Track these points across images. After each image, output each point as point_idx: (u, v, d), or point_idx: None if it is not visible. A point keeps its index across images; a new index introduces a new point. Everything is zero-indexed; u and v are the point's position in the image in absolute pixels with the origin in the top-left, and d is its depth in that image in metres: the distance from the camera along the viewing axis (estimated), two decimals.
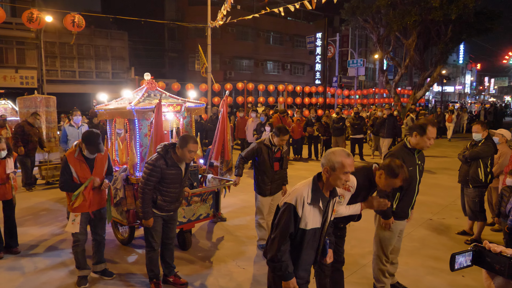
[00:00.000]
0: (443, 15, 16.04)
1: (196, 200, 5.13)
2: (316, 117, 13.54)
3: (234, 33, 31.10)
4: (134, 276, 4.50)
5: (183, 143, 3.80)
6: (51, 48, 24.35)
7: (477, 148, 5.33)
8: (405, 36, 19.31)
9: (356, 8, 19.06)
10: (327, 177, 2.52)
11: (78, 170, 4.05)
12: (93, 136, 4.07)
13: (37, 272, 4.62)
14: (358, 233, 5.88)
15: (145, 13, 17.94)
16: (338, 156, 2.50)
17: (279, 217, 2.56)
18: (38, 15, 10.27)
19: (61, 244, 5.49)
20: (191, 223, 5.19)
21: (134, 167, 4.96)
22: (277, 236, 2.52)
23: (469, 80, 70.45)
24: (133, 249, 5.31)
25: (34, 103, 9.64)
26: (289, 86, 18.21)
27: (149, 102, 5.08)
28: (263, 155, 5.02)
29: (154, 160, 3.83)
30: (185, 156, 3.84)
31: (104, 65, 27.45)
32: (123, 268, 4.70)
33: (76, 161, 4.06)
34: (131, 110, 4.88)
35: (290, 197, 2.54)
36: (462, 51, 57.11)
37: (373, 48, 28.00)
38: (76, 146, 4.15)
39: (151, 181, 3.80)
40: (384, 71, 21.02)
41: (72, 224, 4.12)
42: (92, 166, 4.15)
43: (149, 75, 5.40)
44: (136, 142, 5.03)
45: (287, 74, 36.16)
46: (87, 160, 4.11)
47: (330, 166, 2.49)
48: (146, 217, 3.87)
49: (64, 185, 4.08)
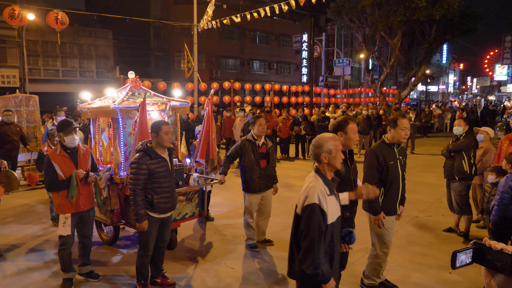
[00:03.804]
0: (427, 15, 16.26)
1: (182, 199, 5.07)
2: (303, 116, 13.57)
3: (220, 32, 30.98)
4: (120, 278, 4.42)
5: (156, 128, 3.81)
6: (33, 47, 23.87)
7: (460, 141, 5.57)
8: (390, 36, 19.50)
9: (341, 7, 19.14)
10: (327, 162, 2.55)
11: (62, 167, 3.93)
12: (64, 121, 4.06)
13: (20, 274, 4.51)
14: None
15: (130, 12, 17.69)
16: (328, 139, 2.57)
17: (306, 222, 2.42)
18: (20, 12, 10.03)
19: (44, 246, 5.38)
20: (176, 222, 5.12)
21: (118, 166, 4.89)
22: (313, 242, 2.38)
23: (452, 79, 71.68)
24: (118, 249, 5.23)
25: (15, 102, 9.41)
26: (275, 86, 18.21)
27: (133, 101, 5.02)
28: (248, 152, 5.01)
29: (137, 158, 3.77)
30: (163, 140, 3.81)
31: (88, 64, 27.03)
32: (109, 270, 4.62)
33: (59, 158, 3.95)
34: (115, 109, 4.81)
35: (309, 198, 2.44)
36: (445, 51, 58.07)
37: (359, 47, 28.22)
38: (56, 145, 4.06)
39: (140, 180, 3.71)
40: (369, 70, 21.18)
41: (63, 227, 3.99)
42: (76, 161, 4.03)
43: (133, 73, 5.33)
44: (121, 141, 4.96)
45: (273, 74, 36.21)
46: (70, 155, 4.00)
47: (327, 151, 2.54)
48: (140, 220, 3.75)
49: (51, 185, 3.93)
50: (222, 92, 21.56)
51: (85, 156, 4.16)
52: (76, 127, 4.05)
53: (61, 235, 4.02)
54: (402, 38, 18.90)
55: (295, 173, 10.50)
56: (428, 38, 18.44)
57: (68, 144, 3.98)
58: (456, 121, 5.73)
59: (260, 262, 4.87)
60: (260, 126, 5.01)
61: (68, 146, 3.99)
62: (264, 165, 5.09)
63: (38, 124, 9.58)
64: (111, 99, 5.18)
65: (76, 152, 4.08)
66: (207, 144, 5.71)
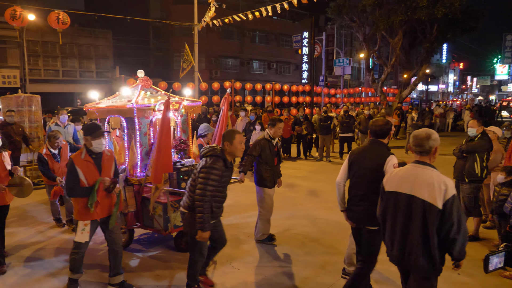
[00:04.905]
0: (429, 14, 16.24)
1: None
2: (304, 116, 13.53)
3: (220, 32, 30.91)
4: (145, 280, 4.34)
5: (230, 137, 3.69)
6: (33, 47, 23.82)
7: (474, 142, 5.42)
8: (391, 35, 19.48)
9: (342, 7, 19.11)
10: (435, 155, 2.79)
11: (86, 172, 3.78)
12: (92, 125, 3.91)
13: (26, 276, 4.46)
14: None
15: (130, 12, 17.64)
16: (436, 135, 2.80)
17: (457, 210, 2.59)
18: (21, 13, 9.99)
19: (48, 247, 5.33)
20: None
21: (134, 167, 4.82)
22: (465, 230, 2.63)
23: (452, 79, 71.71)
24: (132, 253, 5.09)
25: (17, 102, 9.36)
26: (276, 85, 18.18)
27: (147, 100, 4.95)
28: (266, 150, 5.22)
29: (214, 163, 3.54)
30: (237, 149, 3.71)
31: (88, 64, 26.99)
32: (131, 275, 4.47)
33: (84, 163, 3.80)
34: (132, 108, 4.70)
35: (449, 190, 2.59)
36: (445, 50, 58.09)
37: (359, 47, 28.22)
38: (81, 148, 3.90)
39: (213, 186, 3.51)
40: (370, 70, 21.17)
41: (81, 234, 3.85)
42: (100, 167, 3.89)
43: (143, 72, 5.28)
44: (137, 141, 4.89)
45: (273, 73, 36.17)
46: (95, 160, 3.86)
47: (438, 144, 2.77)
48: (205, 229, 3.52)
49: (72, 190, 3.78)
50: (222, 92, 21.52)
51: (109, 162, 4.03)
52: (105, 131, 3.94)
53: (79, 241, 3.87)
54: (403, 37, 18.88)
55: (297, 173, 10.47)
56: (429, 37, 18.43)
57: (95, 149, 3.85)
58: (470, 122, 5.58)
59: (273, 260, 4.84)
60: (279, 130, 5.32)
61: (94, 150, 3.85)
62: (276, 163, 5.38)
63: (40, 124, 9.54)
64: (125, 98, 5.09)
65: (101, 157, 3.93)
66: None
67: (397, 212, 2.79)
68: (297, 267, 4.69)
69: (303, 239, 5.63)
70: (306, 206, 7.35)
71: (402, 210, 2.75)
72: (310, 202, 7.66)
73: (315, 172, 10.72)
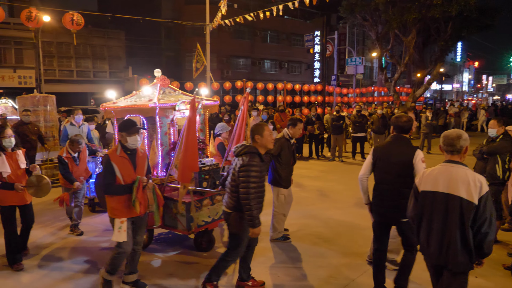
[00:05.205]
0: (443, 12, 15.97)
1: (219, 199, 5.07)
2: (316, 115, 13.47)
3: (231, 31, 30.97)
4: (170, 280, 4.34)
5: (261, 129, 3.73)
6: (48, 48, 24.17)
7: (495, 144, 5.24)
8: (404, 34, 19.23)
9: (354, 5, 18.92)
10: (465, 154, 2.94)
11: (122, 169, 3.75)
12: (128, 121, 3.90)
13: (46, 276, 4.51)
14: (365, 232, 5.82)
15: (142, 12, 17.77)
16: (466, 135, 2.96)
17: (490, 205, 2.73)
18: (37, 14, 10.14)
19: (63, 247, 5.38)
20: (215, 223, 5.14)
21: (155, 167, 4.83)
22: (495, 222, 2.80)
23: (466, 78, 70.55)
24: (153, 254, 5.05)
25: (32, 102, 9.52)
26: (288, 85, 18.13)
27: (167, 99, 4.94)
28: (285, 149, 5.27)
29: (251, 160, 3.58)
30: (268, 141, 3.75)
31: (101, 64, 27.30)
32: (154, 275, 4.46)
33: (119, 159, 3.76)
34: (155, 107, 4.68)
35: (483, 187, 2.73)
36: (459, 48, 57.21)
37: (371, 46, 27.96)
38: (115, 145, 3.87)
39: (255, 183, 3.54)
40: (383, 69, 20.95)
41: (118, 232, 3.75)
42: (134, 164, 3.86)
43: (160, 71, 5.28)
44: (158, 141, 4.88)
45: (284, 73, 36.09)
46: (130, 157, 3.83)
47: (468, 143, 2.91)
48: (256, 225, 3.56)
49: (109, 187, 3.74)
50: (234, 92, 21.55)
51: (143, 159, 4.01)
52: (140, 128, 3.94)
53: (117, 241, 3.80)
54: (417, 36, 18.61)
55: (309, 173, 10.42)
56: (443, 36, 18.14)
57: (130, 145, 3.82)
58: (491, 122, 5.42)
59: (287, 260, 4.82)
60: (299, 130, 5.36)
61: (129, 147, 3.82)
62: (292, 162, 5.44)
63: (55, 123, 9.69)
64: (144, 98, 5.07)
65: (135, 154, 3.90)
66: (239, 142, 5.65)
67: (433, 211, 2.88)
68: (311, 268, 4.65)
69: (316, 240, 5.59)
70: (318, 206, 7.31)
71: (439, 208, 2.84)
72: (322, 202, 7.62)
73: (327, 172, 10.65)
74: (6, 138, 4.48)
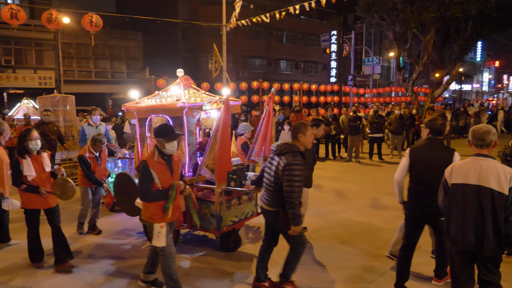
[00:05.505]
0: (463, 11, 15.65)
1: (245, 199, 5.08)
2: (333, 116, 13.37)
3: (247, 32, 31.02)
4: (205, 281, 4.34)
5: (305, 129, 3.78)
6: (68, 49, 24.67)
7: None
8: (422, 33, 18.94)
9: (371, 4, 18.74)
10: (493, 148, 3.12)
11: (160, 174, 3.69)
12: (165, 126, 3.85)
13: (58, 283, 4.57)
14: (382, 234, 5.75)
15: (159, 13, 17.95)
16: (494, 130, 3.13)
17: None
18: (57, 16, 10.35)
19: (82, 251, 5.43)
20: (241, 222, 5.15)
21: (182, 167, 4.86)
22: None
23: (487, 78, 69.01)
24: (179, 254, 4.98)
25: (52, 102, 9.71)
26: (304, 85, 18.04)
27: (194, 99, 4.94)
28: (308, 149, 5.23)
29: (295, 158, 3.61)
30: (309, 141, 3.83)
31: (119, 65, 27.72)
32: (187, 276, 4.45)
33: (157, 165, 3.70)
34: (183, 107, 4.66)
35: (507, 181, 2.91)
36: (479, 48, 56.01)
37: (389, 45, 27.58)
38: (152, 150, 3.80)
39: (300, 182, 3.59)
40: (400, 69, 20.66)
41: (157, 237, 3.71)
42: (171, 169, 3.82)
43: (182, 71, 5.25)
44: (185, 140, 4.90)
45: (300, 73, 35.97)
46: (167, 162, 3.78)
47: (497, 138, 3.10)
48: (298, 222, 3.63)
49: (147, 194, 3.67)
50: (250, 92, 21.57)
51: (178, 164, 3.97)
52: (180, 134, 3.93)
53: (158, 246, 3.76)
54: (436, 35, 18.31)
55: (325, 173, 10.33)
56: (463, 35, 17.79)
57: (168, 151, 3.75)
58: None
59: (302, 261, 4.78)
60: (322, 130, 5.44)
61: (166, 152, 3.76)
62: (313, 162, 5.43)
63: (75, 123, 9.86)
64: (170, 98, 5.06)
65: (171, 159, 3.86)
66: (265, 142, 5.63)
67: (465, 203, 3.04)
68: (328, 269, 4.61)
69: (332, 240, 5.54)
70: (334, 207, 7.24)
71: (471, 200, 3.01)
72: (338, 203, 7.55)
73: (344, 172, 10.56)
74: (33, 141, 4.45)
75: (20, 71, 22.82)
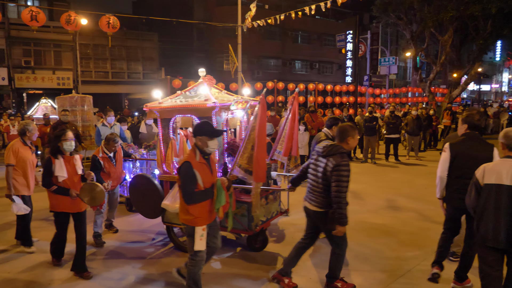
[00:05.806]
0: (482, 9, 15.33)
1: (271, 198, 5.07)
2: (348, 116, 13.24)
3: (262, 32, 31.02)
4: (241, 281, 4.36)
5: (353, 132, 3.81)
6: (85, 50, 25.07)
7: None
8: (440, 33, 18.65)
9: (388, 4, 18.53)
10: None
11: (202, 175, 3.55)
12: (206, 123, 3.72)
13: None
14: (400, 236, 5.67)
15: (174, 14, 18.09)
16: None
17: None
18: (76, 17, 10.53)
19: (98, 256, 5.45)
20: (268, 222, 5.15)
21: None
22: None
23: (506, 78, 67.44)
24: None
25: (70, 102, 9.88)
26: (319, 85, 17.94)
27: (221, 99, 4.90)
28: None
29: (342, 160, 3.66)
30: (354, 145, 3.86)
31: (135, 65, 28.05)
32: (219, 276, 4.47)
33: (200, 165, 3.56)
34: (214, 106, 4.58)
35: None
36: (499, 47, 54.77)
37: (405, 45, 27.21)
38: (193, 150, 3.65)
39: (347, 182, 3.67)
40: (417, 69, 20.39)
41: (200, 241, 3.59)
42: (211, 168, 3.70)
43: (204, 71, 5.18)
44: None
45: (315, 73, 35.80)
46: (207, 161, 3.66)
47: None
48: (345, 223, 3.72)
49: (192, 196, 3.51)
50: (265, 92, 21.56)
51: (214, 162, 3.89)
52: (223, 130, 3.91)
53: (198, 250, 3.61)
54: (454, 34, 18.00)
55: None
56: (482, 34, 17.44)
57: (209, 149, 3.63)
58: None
59: (318, 263, 4.75)
60: None
61: (208, 151, 3.64)
62: None
63: (92, 123, 10.01)
64: (197, 97, 4.99)
65: (209, 158, 3.74)
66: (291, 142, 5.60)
67: (499, 202, 3.11)
68: (344, 272, 4.55)
69: (349, 242, 5.46)
70: (350, 209, 7.03)
71: (503, 200, 3.09)
72: (354, 205, 7.42)
73: (360, 173, 10.44)
74: (67, 141, 4.32)
75: (39, 72, 23.30)
